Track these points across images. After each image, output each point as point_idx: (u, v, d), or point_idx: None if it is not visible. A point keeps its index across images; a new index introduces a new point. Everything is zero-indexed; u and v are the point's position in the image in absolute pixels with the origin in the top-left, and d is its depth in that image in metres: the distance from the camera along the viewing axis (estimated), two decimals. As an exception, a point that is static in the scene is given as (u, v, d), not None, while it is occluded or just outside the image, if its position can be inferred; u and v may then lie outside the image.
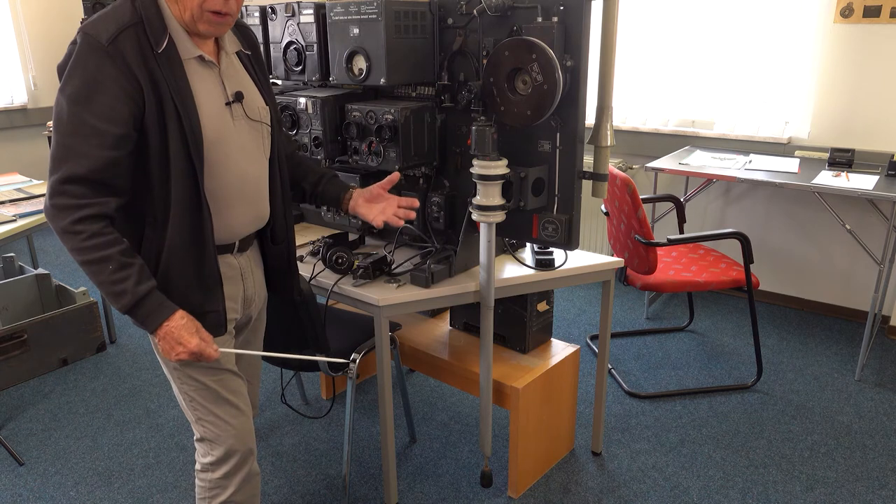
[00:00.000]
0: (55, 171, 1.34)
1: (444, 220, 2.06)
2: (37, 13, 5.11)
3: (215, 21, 1.42)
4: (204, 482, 1.65)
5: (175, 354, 1.44)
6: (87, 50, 1.33)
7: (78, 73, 1.33)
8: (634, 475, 2.38)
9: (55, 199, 1.34)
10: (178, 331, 1.43)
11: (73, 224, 1.34)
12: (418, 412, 2.77)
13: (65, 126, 1.34)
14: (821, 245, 3.58)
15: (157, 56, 1.38)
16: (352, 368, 2.11)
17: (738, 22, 3.50)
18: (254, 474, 1.69)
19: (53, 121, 1.37)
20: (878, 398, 2.83)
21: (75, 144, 1.33)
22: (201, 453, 1.65)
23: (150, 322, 1.41)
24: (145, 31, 1.37)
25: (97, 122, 1.33)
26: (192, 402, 1.60)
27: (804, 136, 3.49)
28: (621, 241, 2.91)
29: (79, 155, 1.33)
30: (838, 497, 2.26)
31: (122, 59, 1.34)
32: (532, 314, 2.30)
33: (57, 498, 2.30)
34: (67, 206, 1.34)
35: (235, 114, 1.51)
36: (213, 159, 1.47)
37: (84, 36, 1.34)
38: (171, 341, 1.43)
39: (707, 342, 3.34)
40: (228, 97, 1.50)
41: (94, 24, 1.35)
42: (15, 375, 2.99)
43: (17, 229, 2.74)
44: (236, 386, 1.64)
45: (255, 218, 1.62)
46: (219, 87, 1.49)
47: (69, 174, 1.33)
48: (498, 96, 1.79)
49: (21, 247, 4.64)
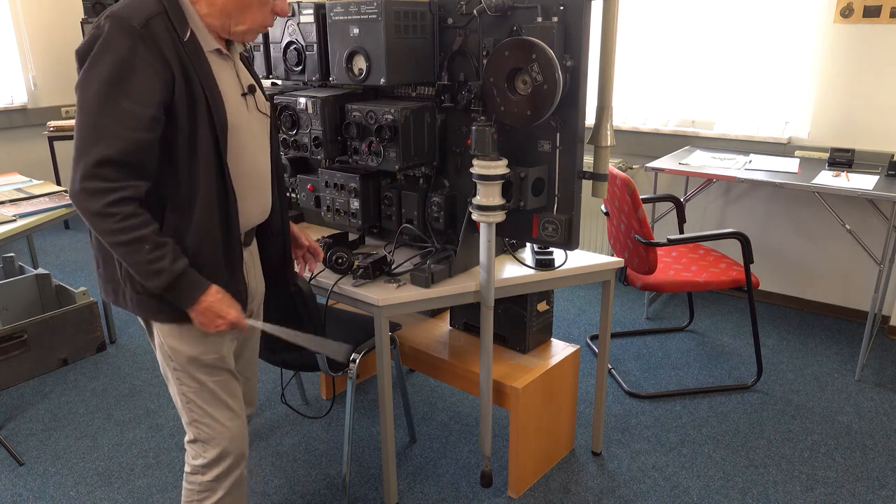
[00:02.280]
0: (85, 153, 1.33)
1: (444, 220, 2.06)
2: (37, 13, 5.11)
3: (262, 31, 1.55)
4: (193, 485, 1.65)
5: (215, 326, 1.49)
6: (119, 32, 1.33)
7: (109, 55, 1.33)
8: (634, 475, 2.38)
9: (87, 183, 1.33)
10: (217, 304, 1.48)
11: (107, 206, 1.34)
12: (418, 412, 2.77)
13: (95, 107, 1.33)
14: (821, 245, 3.58)
15: (184, 44, 1.40)
16: (352, 368, 2.11)
17: (738, 22, 3.50)
18: (243, 479, 1.70)
19: (80, 103, 1.35)
20: (878, 398, 2.83)
21: (108, 126, 1.33)
22: (192, 455, 1.65)
23: (188, 297, 1.45)
24: (170, 20, 1.39)
25: (131, 103, 1.33)
26: (189, 402, 1.60)
27: (804, 136, 3.49)
28: (621, 241, 2.91)
29: (112, 137, 1.33)
30: (838, 497, 2.26)
31: (154, 42, 1.35)
32: (532, 314, 2.30)
33: (57, 498, 2.30)
34: (100, 190, 1.34)
35: (249, 105, 1.56)
36: (233, 145, 1.50)
37: (115, 19, 1.34)
38: (212, 315, 1.47)
39: (707, 342, 3.34)
40: (244, 89, 1.54)
41: (123, 9, 1.36)
42: (15, 375, 2.99)
43: (17, 229, 2.74)
44: (234, 389, 1.65)
45: (262, 208, 1.66)
46: (235, 78, 1.53)
47: (102, 156, 1.33)
48: (498, 96, 1.79)
49: (21, 247, 4.64)
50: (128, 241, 1.36)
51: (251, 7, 1.46)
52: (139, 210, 1.38)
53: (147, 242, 1.38)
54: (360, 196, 2.12)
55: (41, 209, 2.94)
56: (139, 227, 1.37)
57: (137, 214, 1.37)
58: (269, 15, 1.50)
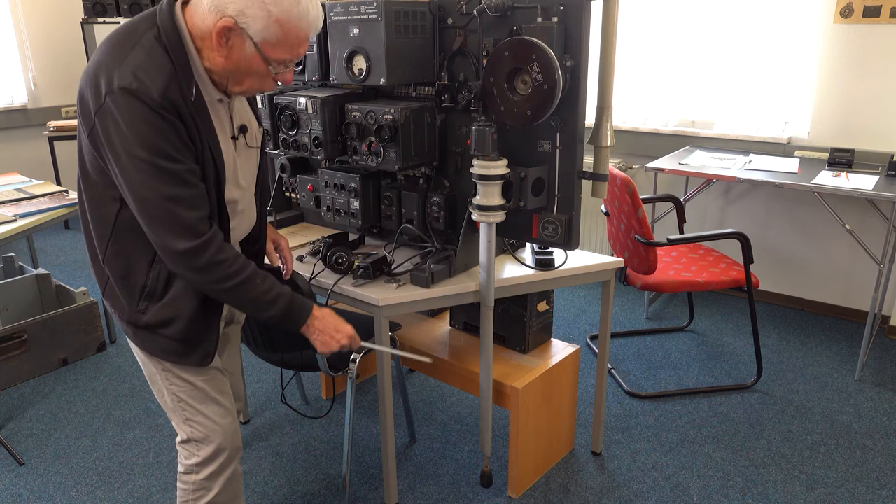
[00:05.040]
0: (181, 232, 1.34)
1: (444, 220, 2.06)
2: (37, 13, 5.11)
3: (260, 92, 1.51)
4: (187, 484, 1.65)
5: (337, 342, 1.54)
6: (141, 108, 1.29)
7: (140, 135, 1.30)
8: (634, 475, 2.38)
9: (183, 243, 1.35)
10: (330, 317, 1.54)
11: (216, 254, 1.38)
12: (418, 412, 2.77)
13: (159, 183, 1.32)
14: (821, 245, 3.58)
15: (192, 105, 1.37)
16: (352, 368, 2.11)
17: (737, 22, 3.50)
18: (237, 474, 1.70)
19: (136, 187, 1.33)
20: (878, 398, 2.83)
21: (180, 194, 1.34)
22: (185, 455, 1.65)
23: (303, 316, 1.51)
24: (179, 78, 1.35)
25: (180, 165, 1.35)
26: (180, 402, 1.60)
27: (804, 136, 3.49)
28: (621, 241, 2.91)
29: (187, 200, 1.35)
30: (838, 497, 2.26)
31: (175, 112, 1.33)
32: (532, 314, 2.30)
33: (57, 498, 2.30)
34: (205, 245, 1.37)
35: (239, 145, 1.56)
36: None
37: (128, 93, 1.29)
38: (331, 330, 1.53)
39: (707, 342, 3.34)
40: (234, 132, 1.54)
41: (137, 76, 1.30)
42: (15, 375, 2.99)
43: (17, 229, 2.74)
44: (223, 385, 1.66)
45: (248, 224, 1.69)
46: (228, 122, 1.53)
47: (193, 222, 1.36)
48: (498, 96, 1.78)
49: (21, 247, 4.64)
50: (243, 281, 1.42)
51: (250, 76, 1.42)
52: (233, 250, 1.43)
53: (257, 276, 1.44)
54: (360, 196, 2.12)
55: (41, 209, 2.94)
56: (246, 265, 1.43)
57: (237, 255, 1.43)
58: (270, 82, 1.44)
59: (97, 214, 1.46)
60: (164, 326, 1.50)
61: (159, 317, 1.49)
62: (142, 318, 1.50)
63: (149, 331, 1.52)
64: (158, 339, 1.52)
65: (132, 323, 1.52)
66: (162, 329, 1.51)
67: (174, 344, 1.52)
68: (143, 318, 1.50)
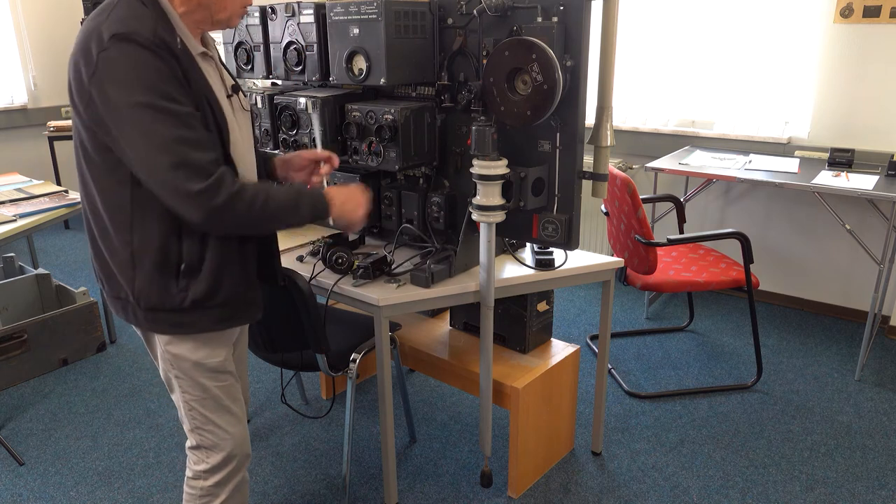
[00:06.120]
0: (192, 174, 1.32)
1: (444, 220, 2.06)
2: (37, 13, 5.11)
3: (244, 13, 1.52)
4: (194, 489, 1.64)
5: (361, 197, 1.62)
6: (136, 50, 1.29)
7: (140, 77, 1.29)
8: (634, 475, 2.38)
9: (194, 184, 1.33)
10: (337, 189, 1.60)
11: (233, 185, 1.38)
12: (418, 412, 2.77)
13: (163, 126, 1.31)
14: (821, 245, 3.58)
15: (179, 52, 1.37)
16: (352, 368, 2.11)
17: (737, 22, 3.50)
18: (244, 483, 1.70)
19: (141, 142, 1.31)
20: (878, 398, 2.83)
21: (186, 135, 1.33)
22: (194, 461, 1.64)
23: (323, 200, 1.54)
24: (163, 28, 1.36)
25: (182, 106, 1.33)
26: (191, 410, 1.59)
27: (804, 136, 3.49)
28: (621, 241, 2.91)
29: (193, 142, 1.34)
30: (838, 497, 2.26)
31: (169, 51, 1.33)
32: (532, 314, 2.30)
33: (57, 498, 2.30)
34: (220, 180, 1.36)
35: (235, 105, 1.54)
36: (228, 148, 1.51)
37: (121, 39, 1.29)
38: (353, 202, 1.60)
39: (707, 342, 3.34)
40: (228, 90, 1.53)
41: (125, 23, 1.30)
42: (15, 375, 2.99)
43: (17, 229, 2.74)
44: (236, 392, 1.64)
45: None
46: (220, 79, 1.51)
47: (203, 163, 1.34)
48: (498, 96, 1.78)
49: (21, 247, 4.64)
50: (266, 199, 1.42)
51: None
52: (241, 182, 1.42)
53: (270, 188, 1.45)
54: (360, 196, 2.12)
55: (41, 209, 2.94)
56: (258, 185, 1.44)
57: (245, 186, 1.41)
58: None
59: (111, 204, 1.42)
60: (211, 297, 1.48)
61: (202, 289, 1.46)
62: (186, 296, 1.46)
63: (195, 309, 1.48)
64: (207, 314, 1.49)
65: (176, 309, 1.47)
66: (208, 301, 1.48)
67: (223, 311, 1.51)
68: (188, 297, 1.46)
